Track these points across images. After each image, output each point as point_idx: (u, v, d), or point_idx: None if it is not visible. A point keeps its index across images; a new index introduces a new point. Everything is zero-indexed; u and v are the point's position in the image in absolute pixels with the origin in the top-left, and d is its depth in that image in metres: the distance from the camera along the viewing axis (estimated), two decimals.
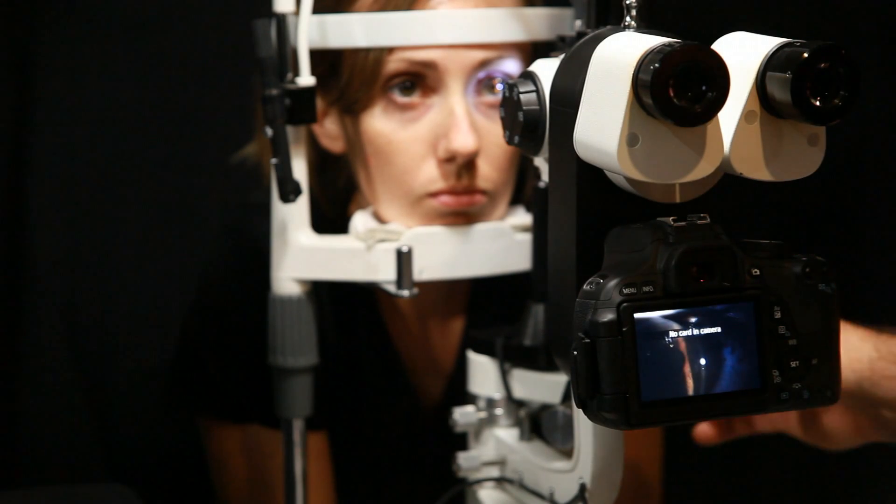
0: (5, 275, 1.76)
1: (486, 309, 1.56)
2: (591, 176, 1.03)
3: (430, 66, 1.36)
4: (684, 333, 0.98)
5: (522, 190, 1.46)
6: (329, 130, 1.45)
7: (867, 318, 1.70)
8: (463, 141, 1.36)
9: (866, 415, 1.31)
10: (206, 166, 1.80)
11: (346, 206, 1.51)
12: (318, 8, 1.34)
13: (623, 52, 0.97)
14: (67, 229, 1.80)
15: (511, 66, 1.38)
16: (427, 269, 1.37)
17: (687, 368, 0.98)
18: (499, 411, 1.34)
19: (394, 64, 1.37)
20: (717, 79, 0.94)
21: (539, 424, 1.32)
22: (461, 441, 1.38)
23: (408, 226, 1.39)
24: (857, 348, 1.23)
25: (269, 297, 1.39)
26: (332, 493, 1.57)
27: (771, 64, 0.97)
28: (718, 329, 0.99)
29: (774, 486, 1.79)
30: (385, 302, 1.57)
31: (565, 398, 1.28)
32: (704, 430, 1.42)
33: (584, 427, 1.15)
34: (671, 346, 0.98)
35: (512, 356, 1.32)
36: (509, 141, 1.13)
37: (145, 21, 1.81)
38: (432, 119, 1.38)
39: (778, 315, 1.01)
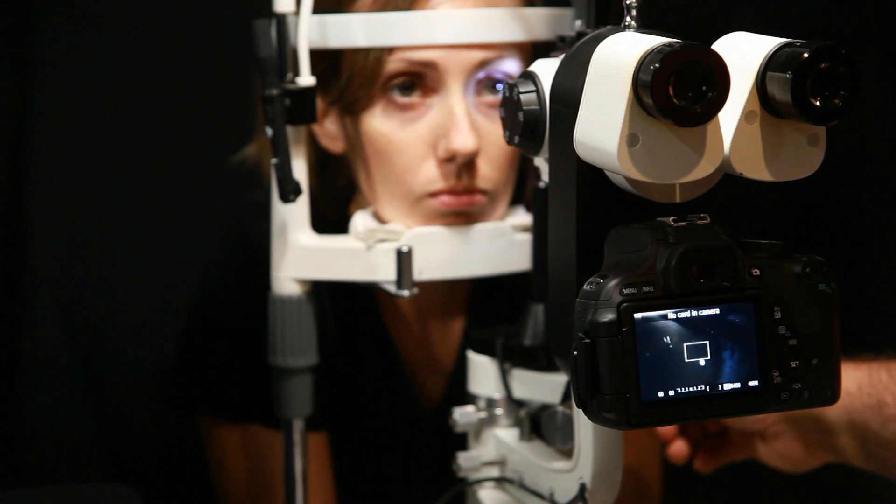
0: (5, 275, 1.76)
1: (486, 309, 1.56)
2: (591, 176, 1.03)
3: (429, 66, 1.36)
4: (684, 333, 0.98)
5: (522, 190, 1.46)
6: (329, 130, 1.45)
7: (868, 319, 1.70)
8: (463, 141, 1.36)
9: (814, 439, 1.34)
10: (206, 166, 1.80)
11: (346, 206, 1.51)
12: (318, 8, 1.34)
13: (623, 52, 0.97)
14: (67, 229, 1.80)
15: (511, 66, 1.38)
16: (427, 269, 1.37)
17: (687, 369, 0.98)
18: (499, 411, 1.34)
19: (394, 64, 1.37)
20: (717, 79, 0.94)
21: (539, 424, 1.32)
22: (461, 441, 1.38)
23: (408, 226, 1.39)
24: None
25: (269, 297, 1.39)
26: (332, 493, 1.57)
27: (771, 64, 0.97)
28: (718, 329, 0.99)
29: (774, 486, 1.79)
30: (385, 302, 1.57)
31: (565, 398, 1.28)
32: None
33: (584, 427, 1.15)
34: (671, 346, 0.98)
35: (512, 356, 1.32)
36: (509, 141, 1.13)
37: (145, 21, 1.81)
38: (432, 119, 1.38)
39: (778, 315, 1.01)
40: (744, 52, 0.98)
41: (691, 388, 0.98)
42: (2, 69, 1.74)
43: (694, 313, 0.98)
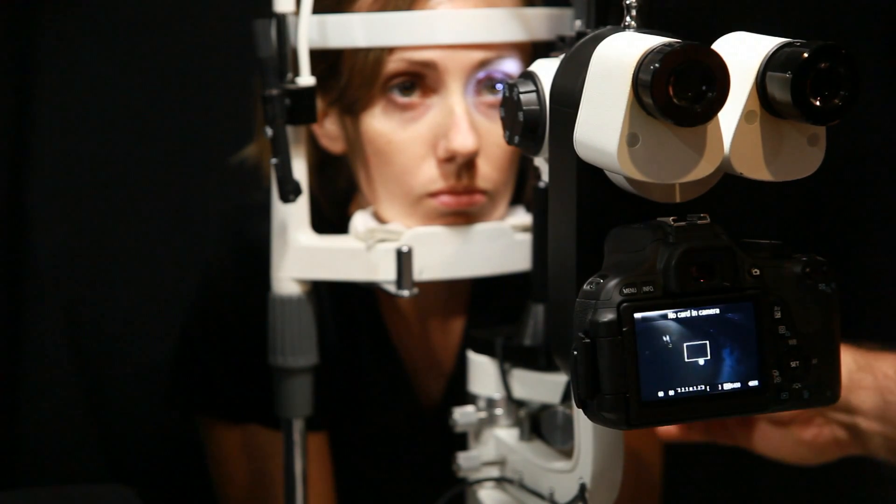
0: (5, 275, 1.76)
1: (487, 309, 1.56)
2: (591, 176, 1.03)
3: (429, 66, 1.36)
4: (684, 333, 0.98)
5: (522, 190, 1.46)
6: (329, 131, 1.45)
7: (867, 318, 1.70)
8: (462, 141, 1.36)
9: (842, 425, 1.33)
10: (206, 166, 1.80)
11: (346, 206, 1.51)
12: (318, 8, 1.34)
13: (623, 52, 0.97)
14: (67, 229, 1.80)
15: (511, 66, 1.38)
16: (427, 269, 1.37)
17: (687, 368, 0.98)
18: (499, 411, 1.34)
19: (394, 64, 1.37)
20: (717, 79, 0.94)
21: (539, 424, 1.32)
22: (461, 441, 1.38)
23: (408, 226, 1.39)
24: None
25: (269, 297, 1.39)
26: (332, 493, 1.57)
27: (771, 64, 0.97)
28: (718, 329, 0.99)
29: (775, 486, 1.79)
30: (385, 302, 1.57)
31: (565, 398, 1.28)
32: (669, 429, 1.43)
33: (584, 427, 1.15)
34: (671, 345, 0.98)
35: (512, 356, 1.32)
36: (509, 141, 1.13)
37: (145, 21, 1.81)
38: (432, 119, 1.38)
39: (778, 315, 1.01)
40: (744, 52, 0.98)
41: (691, 388, 0.98)
42: (2, 69, 1.74)
43: (694, 313, 0.98)
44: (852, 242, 1.82)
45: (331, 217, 1.50)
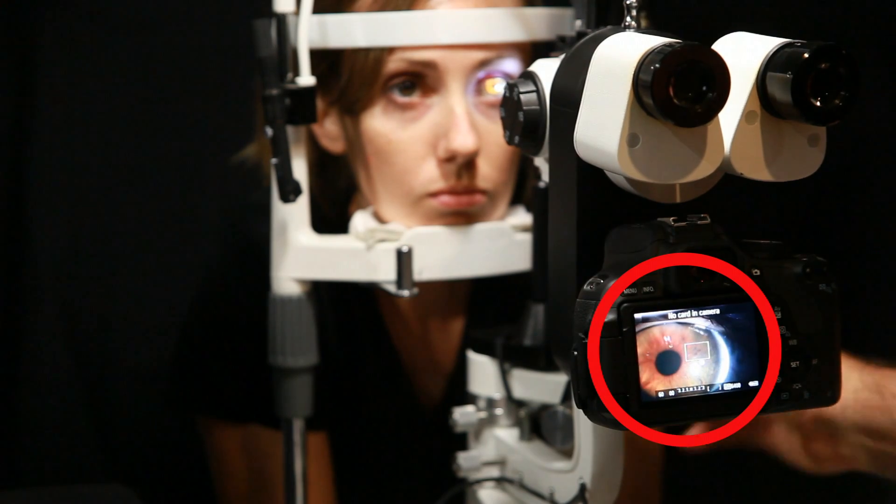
0: (5, 275, 1.76)
1: (487, 309, 1.56)
2: (591, 176, 1.03)
3: (430, 65, 1.36)
4: (684, 333, 0.98)
5: (522, 190, 1.46)
6: (329, 130, 1.45)
7: (867, 319, 1.70)
8: (463, 141, 1.36)
9: (847, 441, 1.33)
10: (206, 166, 1.80)
11: (346, 206, 1.51)
12: (318, 8, 1.34)
13: (623, 52, 0.97)
14: (67, 229, 1.80)
15: (511, 66, 1.38)
16: (427, 269, 1.37)
17: (687, 369, 0.98)
18: (499, 411, 1.34)
19: (394, 64, 1.37)
20: (717, 79, 0.94)
21: (539, 424, 1.32)
22: (461, 441, 1.38)
23: (408, 226, 1.39)
24: (844, 377, 1.23)
25: (269, 297, 1.39)
26: (332, 493, 1.57)
27: (771, 64, 0.97)
28: (718, 329, 0.99)
29: (774, 486, 1.79)
30: (385, 302, 1.57)
31: (565, 398, 1.28)
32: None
33: (584, 427, 1.15)
34: (671, 346, 0.98)
35: (512, 356, 1.32)
36: (509, 141, 1.13)
37: (145, 21, 1.81)
38: (432, 119, 1.38)
39: (778, 315, 1.01)
40: (744, 52, 0.98)
41: (691, 388, 0.98)
42: (2, 69, 1.74)
43: (694, 313, 0.98)
44: (852, 243, 1.82)
45: (331, 217, 1.50)
